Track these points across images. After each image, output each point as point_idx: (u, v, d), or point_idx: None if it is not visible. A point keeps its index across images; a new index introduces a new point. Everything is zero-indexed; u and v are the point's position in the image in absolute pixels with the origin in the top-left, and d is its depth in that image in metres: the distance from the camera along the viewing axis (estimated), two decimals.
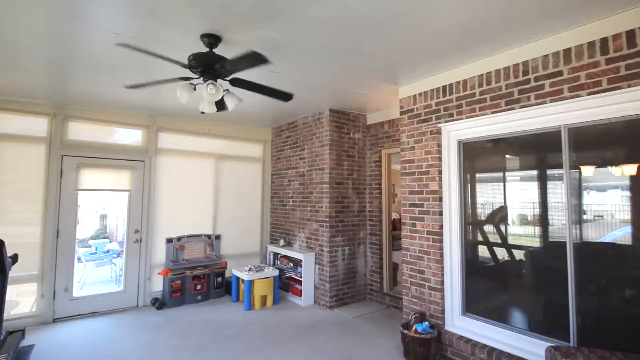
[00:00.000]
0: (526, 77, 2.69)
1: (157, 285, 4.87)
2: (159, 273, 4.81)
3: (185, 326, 3.99)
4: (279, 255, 5.42)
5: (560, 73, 2.50)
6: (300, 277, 4.81)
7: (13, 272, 3.23)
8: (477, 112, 3.01)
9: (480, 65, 2.99)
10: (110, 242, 7.21)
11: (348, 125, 4.96)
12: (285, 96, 2.99)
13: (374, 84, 3.69)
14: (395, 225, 8.36)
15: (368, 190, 5.08)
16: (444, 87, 3.28)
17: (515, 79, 2.75)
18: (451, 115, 3.21)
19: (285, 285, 5.20)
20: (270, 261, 5.59)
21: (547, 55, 2.57)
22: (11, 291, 3.82)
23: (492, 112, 2.90)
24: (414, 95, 3.56)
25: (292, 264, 5.11)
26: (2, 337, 3.18)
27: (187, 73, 2.64)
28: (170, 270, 4.72)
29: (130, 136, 4.89)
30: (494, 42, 2.67)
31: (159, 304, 4.63)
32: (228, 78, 2.65)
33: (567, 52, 2.47)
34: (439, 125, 3.31)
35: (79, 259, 5.43)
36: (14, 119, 4.09)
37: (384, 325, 4.01)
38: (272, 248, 5.54)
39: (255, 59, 2.20)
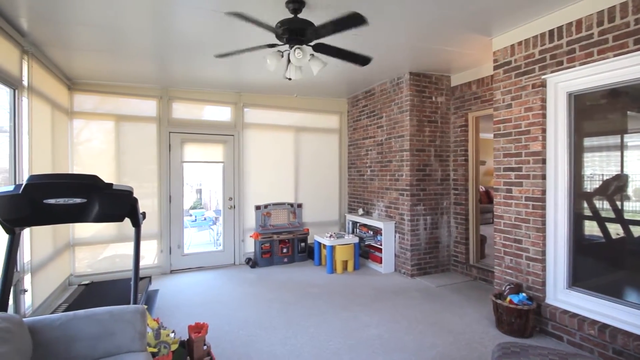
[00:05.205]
0: None
1: (249, 247, 5.41)
2: (250, 236, 5.33)
3: (276, 283, 4.39)
4: (358, 224, 5.52)
5: None
6: (380, 245, 4.84)
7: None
8: (594, 57, 2.55)
9: None
10: (206, 211, 8.15)
11: (430, 88, 4.67)
12: (363, 60, 2.93)
13: (461, 37, 3.37)
14: (480, 197, 7.75)
15: (452, 157, 4.78)
16: (551, 31, 2.84)
17: None
18: (560, 63, 2.78)
19: (365, 252, 5.30)
20: (349, 229, 5.73)
21: None
22: None
23: (615, 55, 2.43)
24: (512, 45, 3.16)
25: (371, 232, 5.17)
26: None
27: (272, 40, 2.74)
28: (260, 234, 5.17)
29: (221, 113, 5.35)
30: None
31: (252, 263, 5.16)
32: (312, 43, 2.69)
33: None
34: (543, 76, 2.90)
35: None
36: (131, 102, 4.80)
37: (470, 297, 3.86)
38: (350, 217, 5.65)
39: (354, 21, 2.17)
